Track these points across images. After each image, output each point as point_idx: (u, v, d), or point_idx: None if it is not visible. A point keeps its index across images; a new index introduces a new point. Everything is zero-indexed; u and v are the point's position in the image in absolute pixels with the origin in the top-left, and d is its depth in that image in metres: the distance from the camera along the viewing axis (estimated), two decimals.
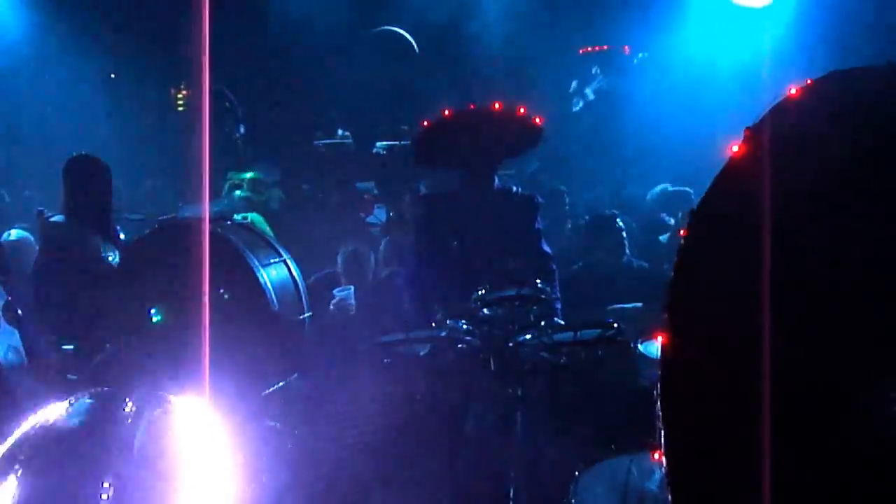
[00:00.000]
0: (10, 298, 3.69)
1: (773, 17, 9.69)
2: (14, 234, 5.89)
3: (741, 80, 9.41)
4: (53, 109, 9.98)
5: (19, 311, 3.67)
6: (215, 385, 4.14)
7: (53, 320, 4.33)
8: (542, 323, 4.68)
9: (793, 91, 1.90)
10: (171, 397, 2.21)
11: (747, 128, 1.91)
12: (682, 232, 2.02)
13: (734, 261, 1.90)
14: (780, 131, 1.88)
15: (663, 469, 1.97)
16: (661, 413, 1.96)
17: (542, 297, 4.69)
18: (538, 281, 4.77)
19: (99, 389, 2.14)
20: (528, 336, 4.59)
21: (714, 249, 1.97)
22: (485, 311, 4.65)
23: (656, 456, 2.06)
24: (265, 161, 10.68)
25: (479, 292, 4.68)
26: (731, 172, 1.93)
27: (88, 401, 2.10)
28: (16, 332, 3.64)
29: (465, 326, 4.71)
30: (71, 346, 4.19)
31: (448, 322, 4.79)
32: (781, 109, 1.90)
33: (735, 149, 1.92)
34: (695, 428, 1.94)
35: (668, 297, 1.99)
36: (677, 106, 10.23)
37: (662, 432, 1.95)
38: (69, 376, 3.59)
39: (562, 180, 9.91)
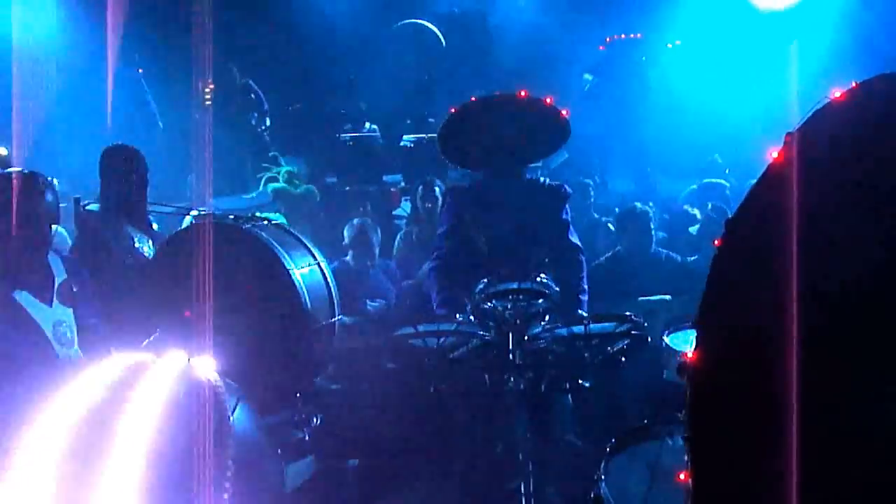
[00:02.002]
0: (66, 278, 3.76)
1: (802, 14, 9.64)
2: None
3: (763, 74, 9.37)
4: (84, 104, 10.08)
5: (74, 290, 3.75)
6: (245, 379, 4.22)
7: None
8: (547, 317, 4.66)
9: (837, 94, 1.79)
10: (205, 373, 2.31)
11: (788, 133, 1.79)
12: (716, 242, 1.89)
13: (772, 274, 1.77)
14: (823, 137, 1.78)
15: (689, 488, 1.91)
16: (688, 434, 1.89)
17: (546, 291, 4.65)
18: (542, 275, 4.72)
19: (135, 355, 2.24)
20: (537, 330, 4.57)
21: (750, 262, 1.85)
22: (488, 304, 4.63)
23: (682, 477, 2.01)
24: (292, 154, 10.76)
25: (480, 285, 4.68)
26: (771, 180, 1.81)
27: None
28: (70, 310, 3.71)
29: (472, 319, 4.71)
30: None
31: (458, 316, 4.81)
32: (824, 113, 1.79)
33: (775, 154, 1.80)
34: (724, 449, 1.88)
35: (700, 312, 1.88)
36: (706, 97, 10.20)
37: (689, 453, 1.89)
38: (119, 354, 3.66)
39: (588, 172, 9.92)
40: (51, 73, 9.96)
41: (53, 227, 3.84)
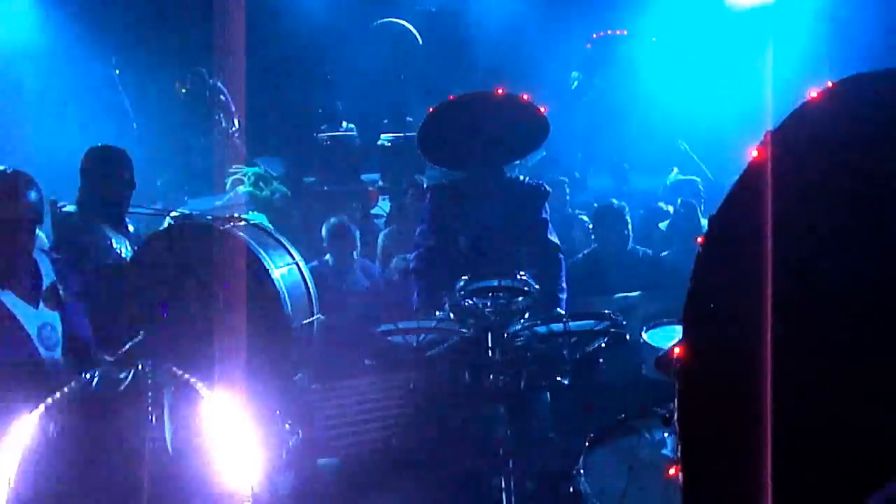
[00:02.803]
0: (55, 280, 3.71)
1: (781, 11, 9.73)
2: None
3: (746, 71, 9.45)
4: (60, 106, 10.01)
5: (61, 293, 3.70)
6: (226, 381, 4.21)
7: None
8: (527, 315, 4.69)
9: (814, 94, 1.84)
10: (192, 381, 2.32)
11: (768, 131, 1.84)
12: (699, 239, 1.94)
13: (754, 269, 1.82)
14: (801, 135, 1.83)
15: (679, 482, 1.92)
16: (678, 428, 1.91)
17: (526, 288, 4.68)
18: (522, 273, 4.75)
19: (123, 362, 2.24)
20: (517, 327, 4.60)
21: (733, 257, 1.89)
22: (467, 301, 4.66)
23: (672, 472, 2.03)
24: (269, 154, 10.73)
25: (460, 283, 4.70)
26: (751, 178, 1.85)
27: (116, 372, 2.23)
28: (57, 313, 3.67)
29: (451, 316, 4.73)
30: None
31: (437, 313, 4.83)
32: (803, 113, 1.85)
33: (755, 153, 1.85)
34: (714, 441, 1.90)
35: (686, 307, 1.91)
36: (684, 95, 10.27)
37: (680, 447, 1.91)
38: (104, 357, 3.64)
39: (565, 170, 9.96)
40: (24, 72, 9.86)
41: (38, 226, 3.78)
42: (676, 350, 1.94)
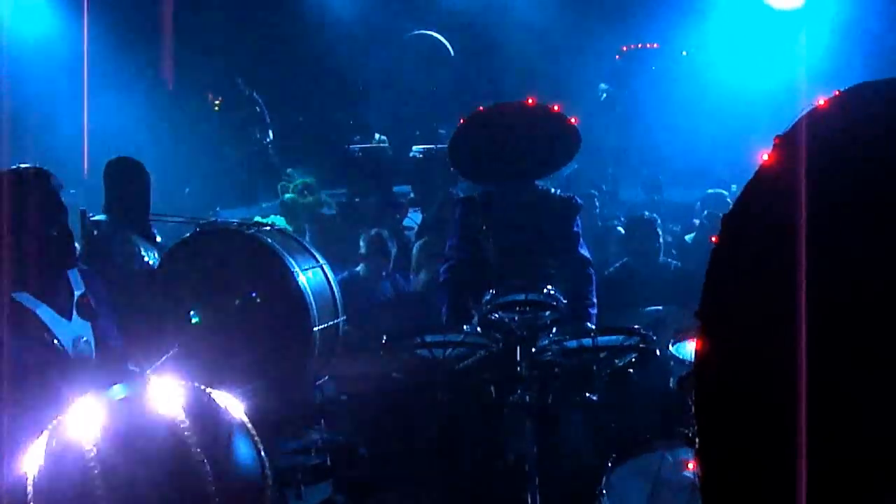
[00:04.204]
0: (85, 290, 3.70)
1: (809, 19, 9.63)
2: None
3: (775, 84, 9.35)
4: (93, 115, 10.14)
5: (93, 303, 3.69)
6: (251, 385, 4.22)
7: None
8: (555, 329, 4.64)
9: (822, 101, 1.94)
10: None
11: (777, 136, 1.93)
12: (713, 238, 2.03)
13: (765, 267, 1.92)
14: (809, 141, 1.91)
15: (696, 475, 1.97)
16: (696, 420, 1.96)
17: (554, 303, 4.63)
18: (549, 287, 4.70)
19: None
20: (544, 342, 4.56)
21: (745, 256, 1.98)
22: (495, 315, 4.62)
23: (691, 466, 2.07)
24: (300, 166, 10.79)
25: (487, 296, 4.66)
26: (762, 180, 1.96)
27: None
28: (88, 324, 3.66)
29: (479, 330, 4.69)
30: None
31: (465, 327, 4.79)
32: (811, 119, 1.94)
33: (765, 157, 1.95)
34: (731, 434, 1.93)
35: (702, 303, 2.00)
36: (712, 108, 10.18)
37: (697, 440, 1.95)
38: (131, 368, 3.64)
39: (597, 183, 9.89)
40: (56, 80, 10.00)
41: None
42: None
